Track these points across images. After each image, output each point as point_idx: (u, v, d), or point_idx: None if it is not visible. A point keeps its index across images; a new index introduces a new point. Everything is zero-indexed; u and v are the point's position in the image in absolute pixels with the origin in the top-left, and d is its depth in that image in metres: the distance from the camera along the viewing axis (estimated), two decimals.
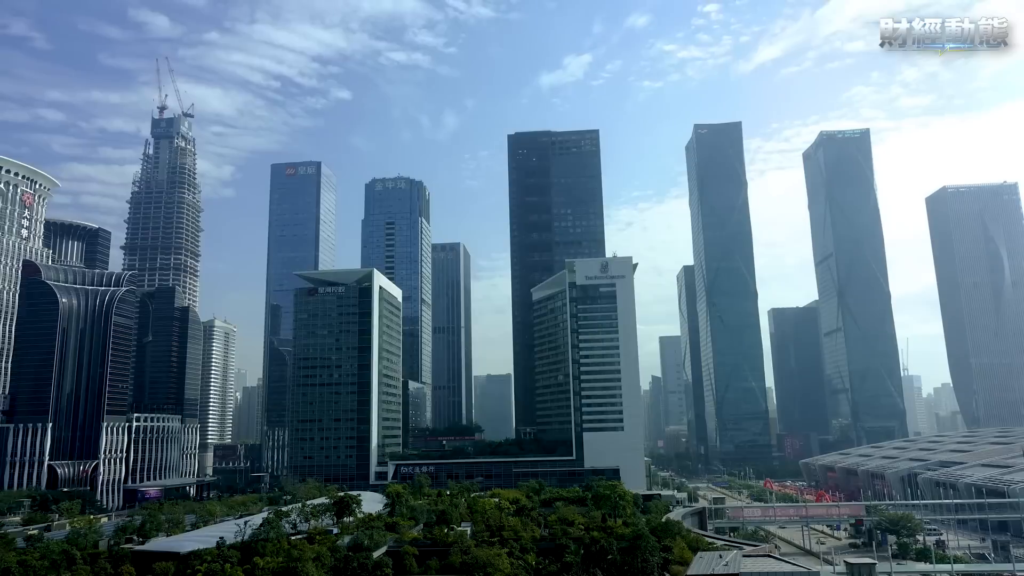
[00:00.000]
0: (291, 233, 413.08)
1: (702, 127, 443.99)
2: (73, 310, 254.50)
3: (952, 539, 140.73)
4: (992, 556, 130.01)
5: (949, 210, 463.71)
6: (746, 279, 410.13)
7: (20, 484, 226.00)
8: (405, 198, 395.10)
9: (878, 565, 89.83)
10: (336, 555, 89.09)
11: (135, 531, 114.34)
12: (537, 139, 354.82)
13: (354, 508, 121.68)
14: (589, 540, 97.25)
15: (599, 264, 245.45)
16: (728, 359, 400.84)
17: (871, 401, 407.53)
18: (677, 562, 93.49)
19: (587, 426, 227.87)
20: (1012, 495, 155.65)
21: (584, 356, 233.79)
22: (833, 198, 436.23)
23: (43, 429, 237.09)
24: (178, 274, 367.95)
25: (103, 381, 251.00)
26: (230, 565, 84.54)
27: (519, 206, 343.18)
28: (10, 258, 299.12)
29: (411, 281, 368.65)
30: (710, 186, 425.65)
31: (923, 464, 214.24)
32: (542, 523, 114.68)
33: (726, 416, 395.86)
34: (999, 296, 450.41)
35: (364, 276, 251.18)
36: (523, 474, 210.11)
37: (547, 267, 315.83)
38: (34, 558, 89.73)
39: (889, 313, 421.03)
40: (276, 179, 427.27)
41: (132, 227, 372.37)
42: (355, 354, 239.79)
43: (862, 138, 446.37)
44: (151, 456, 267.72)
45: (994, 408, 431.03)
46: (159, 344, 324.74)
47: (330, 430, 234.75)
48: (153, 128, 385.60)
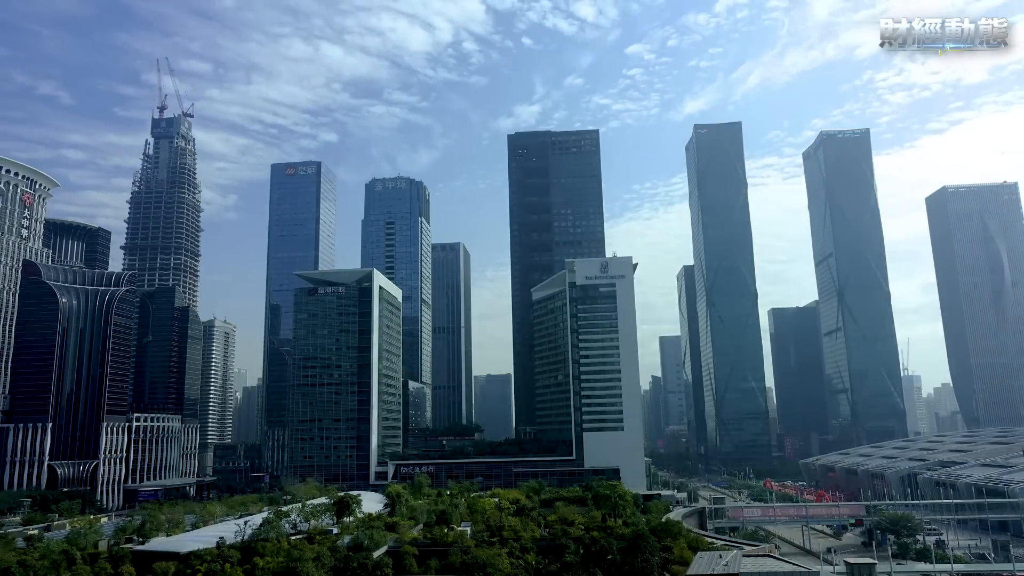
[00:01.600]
0: (291, 233, 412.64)
1: (702, 127, 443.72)
2: (73, 310, 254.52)
3: (952, 539, 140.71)
4: (992, 556, 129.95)
5: (949, 210, 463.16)
6: (746, 279, 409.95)
7: (20, 484, 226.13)
8: (405, 198, 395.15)
9: (878, 565, 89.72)
10: (336, 555, 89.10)
11: (135, 531, 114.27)
12: (537, 139, 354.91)
13: (354, 508, 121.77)
14: (589, 540, 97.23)
15: (599, 264, 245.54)
16: (728, 359, 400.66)
17: (871, 401, 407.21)
18: (677, 562, 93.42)
19: (587, 426, 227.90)
20: (1012, 495, 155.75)
21: (584, 356, 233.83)
22: (833, 198, 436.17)
23: (43, 429, 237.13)
24: (178, 274, 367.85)
25: (103, 381, 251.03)
26: (230, 565, 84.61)
27: (519, 206, 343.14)
28: (10, 258, 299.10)
29: (411, 281, 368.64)
30: (710, 186, 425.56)
31: (923, 464, 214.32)
32: (542, 523, 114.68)
33: (726, 416, 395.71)
34: (999, 296, 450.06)
35: (364, 276, 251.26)
36: (523, 474, 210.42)
37: (547, 267, 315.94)
38: (34, 558, 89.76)
39: (889, 313, 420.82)
40: (276, 179, 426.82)
41: (132, 227, 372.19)
42: (355, 354, 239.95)
43: (862, 138, 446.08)
44: (151, 456, 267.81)
45: (994, 408, 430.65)
46: (159, 344, 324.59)
47: (330, 430, 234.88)
48: (153, 128, 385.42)
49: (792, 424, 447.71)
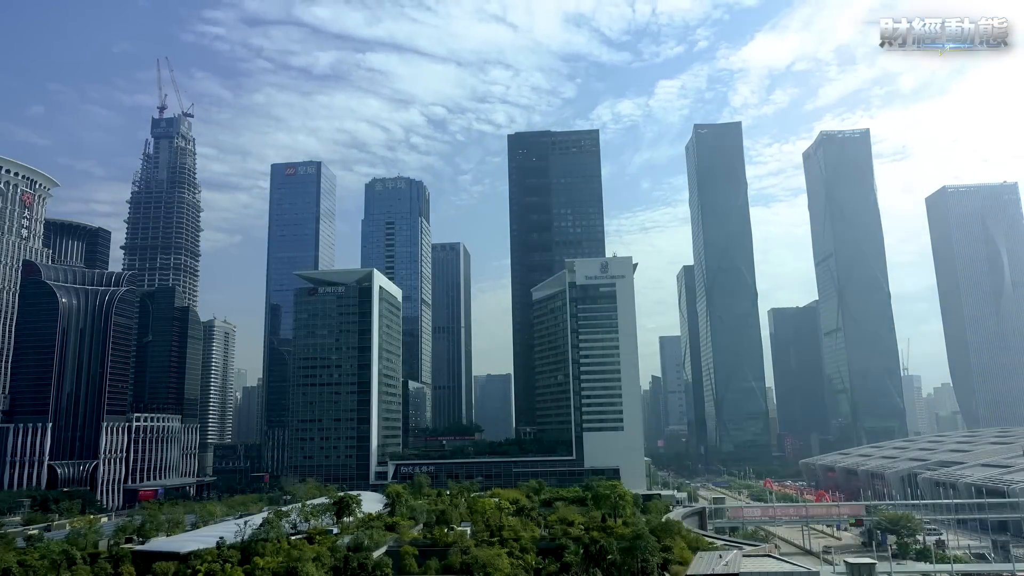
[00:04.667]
0: (291, 233, 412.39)
1: (702, 127, 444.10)
2: (73, 310, 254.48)
3: (952, 539, 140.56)
4: (992, 556, 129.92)
5: (949, 210, 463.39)
6: (746, 279, 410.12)
7: (20, 484, 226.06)
8: (405, 198, 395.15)
9: (878, 565, 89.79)
10: (336, 555, 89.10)
11: (135, 531, 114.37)
12: (537, 139, 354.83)
13: (354, 508, 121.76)
14: (589, 540, 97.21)
15: (599, 264, 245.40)
16: (728, 359, 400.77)
17: (871, 401, 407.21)
18: (677, 562, 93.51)
19: (587, 426, 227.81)
20: (1012, 495, 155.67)
21: (584, 356, 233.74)
22: (833, 198, 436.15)
23: (43, 429, 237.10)
24: (178, 274, 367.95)
25: (103, 381, 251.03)
26: (230, 565, 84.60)
27: (519, 206, 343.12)
28: (10, 258, 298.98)
29: (411, 281, 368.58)
30: (710, 186, 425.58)
31: (923, 464, 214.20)
32: (542, 523, 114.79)
33: (726, 416, 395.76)
34: (999, 296, 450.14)
35: (364, 276, 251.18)
36: (523, 474, 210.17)
37: (547, 267, 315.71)
38: (34, 558, 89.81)
39: (889, 313, 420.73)
40: (276, 179, 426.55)
41: (132, 227, 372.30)
42: (355, 354, 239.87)
43: (862, 138, 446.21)
44: (151, 456, 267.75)
45: (994, 408, 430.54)
46: (159, 344, 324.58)
47: (330, 430, 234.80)
48: (153, 128, 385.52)
49: (792, 424, 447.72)
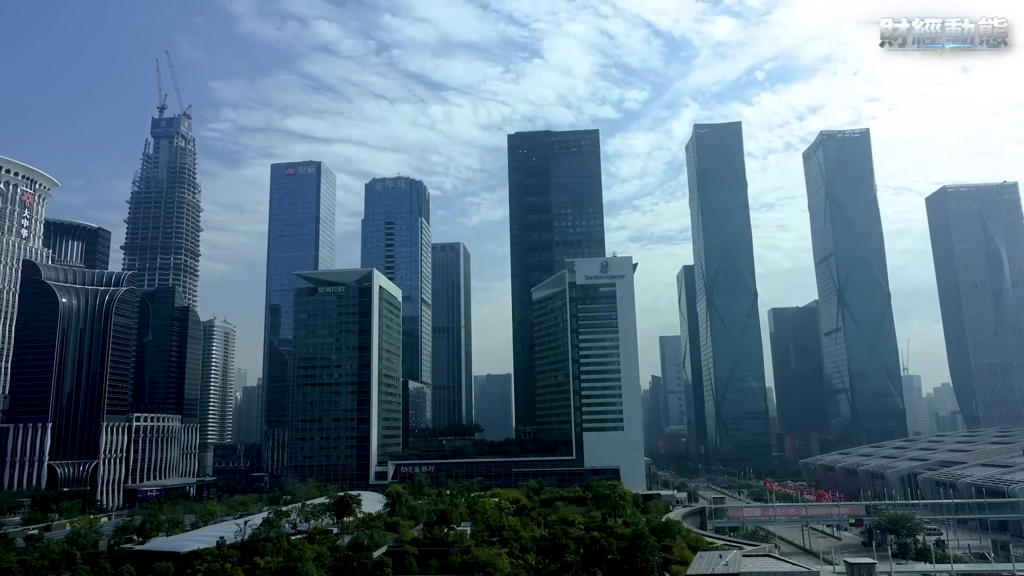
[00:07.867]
0: (291, 233, 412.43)
1: (702, 127, 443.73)
2: (73, 310, 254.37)
3: (952, 539, 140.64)
4: (992, 556, 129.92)
5: (949, 210, 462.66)
6: (746, 279, 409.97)
7: (20, 484, 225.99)
8: (405, 198, 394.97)
9: (878, 565, 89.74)
10: (336, 555, 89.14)
11: (135, 531, 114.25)
12: (537, 139, 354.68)
13: (354, 508, 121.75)
14: (589, 540, 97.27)
15: (599, 264, 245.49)
16: (728, 359, 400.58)
17: (871, 401, 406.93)
18: (677, 562, 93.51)
19: (587, 426, 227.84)
20: (1012, 495, 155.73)
21: (584, 356, 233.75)
22: (833, 198, 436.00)
23: (43, 429, 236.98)
24: (178, 274, 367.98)
25: (103, 381, 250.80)
26: (230, 565, 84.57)
27: (519, 206, 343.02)
28: (10, 258, 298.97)
29: (411, 281, 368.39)
30: (710, 186, 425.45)
31: (923, 464, 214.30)
32: (542, 523, 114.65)
33: (726, 416, 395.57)
34: (999, 296, 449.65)
35: (364, 276, 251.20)
36: (523, 474, 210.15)
37: (547, 267, 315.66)
38: (34, 558, 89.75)
39: (889, 313, 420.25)
40: (276, 179, 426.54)
41: (132, 227, 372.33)
42: (355, 354, 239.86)
43: (862, 138, 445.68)
44: (151, 456, 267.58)
45: (994, 408, 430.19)
46: (159, 344, 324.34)
47: (330, 430, 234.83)
48: (153, 128, 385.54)
49: (792, 424, 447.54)
